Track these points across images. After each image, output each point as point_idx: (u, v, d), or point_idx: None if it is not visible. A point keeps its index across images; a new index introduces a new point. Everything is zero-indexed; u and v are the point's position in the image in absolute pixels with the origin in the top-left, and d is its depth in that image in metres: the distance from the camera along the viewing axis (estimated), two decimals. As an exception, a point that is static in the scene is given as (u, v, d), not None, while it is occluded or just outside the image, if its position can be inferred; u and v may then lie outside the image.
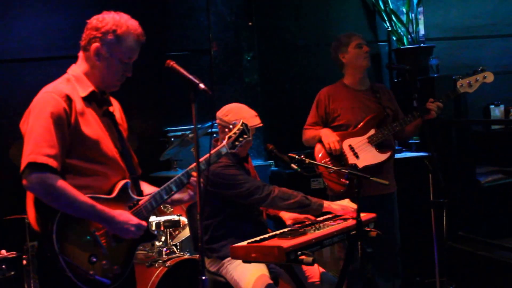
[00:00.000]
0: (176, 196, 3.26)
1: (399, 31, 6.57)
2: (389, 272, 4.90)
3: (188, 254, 4.78)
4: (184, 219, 4.88)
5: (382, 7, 6.61)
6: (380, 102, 4.82)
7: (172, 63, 2.96)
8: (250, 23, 6.28)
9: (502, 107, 7.04)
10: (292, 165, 4.55)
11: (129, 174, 3.14)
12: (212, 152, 3.34)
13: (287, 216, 4.23)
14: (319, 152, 4.80)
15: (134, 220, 2.99)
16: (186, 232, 4.97)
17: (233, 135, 3.49)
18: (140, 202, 3.11)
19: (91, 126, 2.98)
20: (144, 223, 3.04)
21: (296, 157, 4.50)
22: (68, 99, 2.90)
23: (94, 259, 2.90)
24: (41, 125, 2.83)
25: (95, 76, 3.05)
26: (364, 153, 4.71)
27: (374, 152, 4.71)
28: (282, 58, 6.55)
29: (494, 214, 5.78)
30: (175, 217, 4.83)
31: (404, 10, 6.59)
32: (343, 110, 4.82)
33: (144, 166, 3.29)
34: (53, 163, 2.80)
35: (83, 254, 2.88)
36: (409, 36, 6.54)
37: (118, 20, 3.01)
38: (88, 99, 3.02)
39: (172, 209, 5.16)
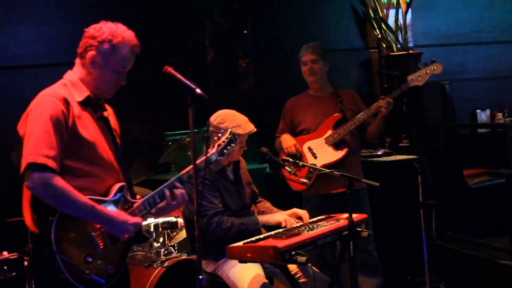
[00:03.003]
0: (160, 205, 3.22)
1: (389, 38, 6.56)
2: (369, 268, 4.91)
3: (186, 254, 4.75)
4: (181, 221, 4.84)
5: (372, 15, 6.59)
6: (340, 105, 4.93)
7: (169, 69, 2.96)
8: (245, 31, 6.26)
9: (488, 111, 7.06)
10: (286, 167, 4.58)
11: (123, 177, 3.13)
12: (201, 159, 3.35)
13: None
14: (281, 156, 4.92)
15: (131, 219, 3.00)
16: (184, 234, 4.93)
17: (222, 143, 3.51)
18: (135, 205, 3.11)
19: (88, 129, 2.98)
20: (140, 219, 3.05)
21: (290, 160, 4.56)
22: (66, 102, 2.90)
23: (90, 259, 2.90)
24: (40, 127, 2.82)
25: (90, 83, 3.05)
26: (321, 153, 4.84)
27: (330, 151, 4.83)
28: (276, 65, 6.54)
29: (482, 215, 5.78)
30: (173, 219, 4.80)
31: (393, 18, 6.57)
32: (304, 116, 5.00)
33: (143, 169, 3.26)
34: (52, 164, 2.78)
35: (79, 254, 2.86)
36: (398, 43, 6.53)
37: (114, 30, 3.02)
38: (84, 104, 3.01)
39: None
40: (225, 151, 3.48)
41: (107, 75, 3.03)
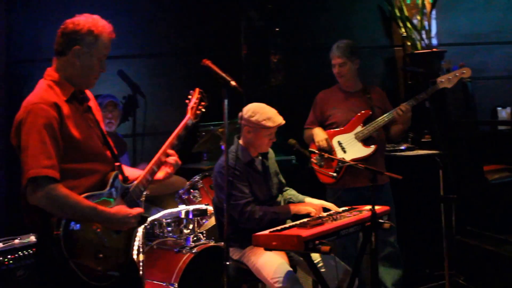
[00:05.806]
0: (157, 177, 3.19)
1: (413, 36, 6.46)
2: (390, 260, 4.80)
3: (213, 241, 4.69)
4: (211, 208, 4.77)
5: (398, 14, 6.52)
6: (369, 102, 4.84)
7: (208, 62, 3.03)
8: (277, 29, 6.21)
9: (508, 109, 6.93)
10: (313, 159, 4.49)
11: (114, 162, 3.06)
12: (180, 127, 3.28)
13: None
14: (312, 149, 4.86)
15: (133, 211, 2.96)
16: (213, 221, 4.87)
17: (194, 105, 3.38)
18: (130, 189, 3.07)
19: (78, 126, 2.89)
20: (141, 209, 3.02)
21: (316, 151, 4.48)
22: (57, 107, 2.81)
23: (101, 255, 2.85)
24: (36, 138, 2.72)
25: (75, 78, 2.96)
26: (351, 148, 4.76)
27: (360, 146, 4.75)
28: (305, 61, 6.50)
29: (501, 210, 5.63)
30: (203, 206, 4.75)
31: (418, 17, 6.47)
32: (334, 110, 4.91)
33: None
34: (53, 173, 2.72)
35: (90, 253, 2.82)
36: (422, 42, 6.42)
37: (91, 21, 2.95)
38: (71, 101, 2.93)
39: (200, 199, 5.07)
40: (198, 112, 3.35)
41: (92, 65, 2.96)
